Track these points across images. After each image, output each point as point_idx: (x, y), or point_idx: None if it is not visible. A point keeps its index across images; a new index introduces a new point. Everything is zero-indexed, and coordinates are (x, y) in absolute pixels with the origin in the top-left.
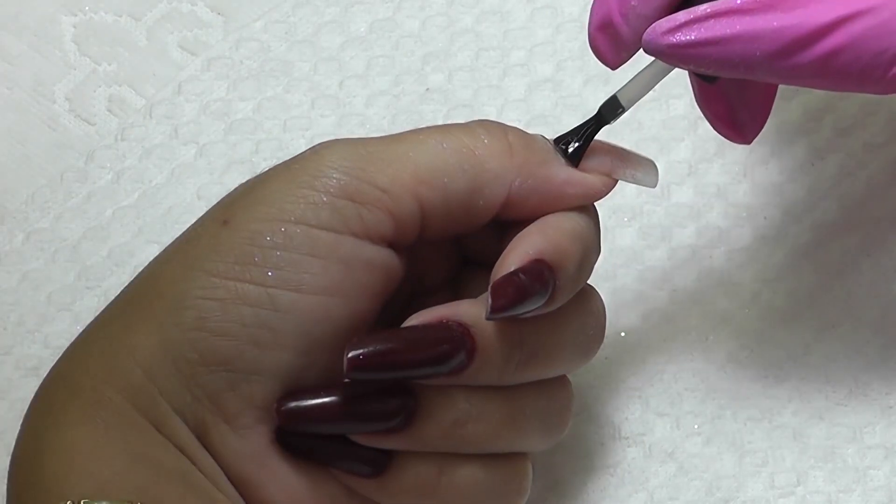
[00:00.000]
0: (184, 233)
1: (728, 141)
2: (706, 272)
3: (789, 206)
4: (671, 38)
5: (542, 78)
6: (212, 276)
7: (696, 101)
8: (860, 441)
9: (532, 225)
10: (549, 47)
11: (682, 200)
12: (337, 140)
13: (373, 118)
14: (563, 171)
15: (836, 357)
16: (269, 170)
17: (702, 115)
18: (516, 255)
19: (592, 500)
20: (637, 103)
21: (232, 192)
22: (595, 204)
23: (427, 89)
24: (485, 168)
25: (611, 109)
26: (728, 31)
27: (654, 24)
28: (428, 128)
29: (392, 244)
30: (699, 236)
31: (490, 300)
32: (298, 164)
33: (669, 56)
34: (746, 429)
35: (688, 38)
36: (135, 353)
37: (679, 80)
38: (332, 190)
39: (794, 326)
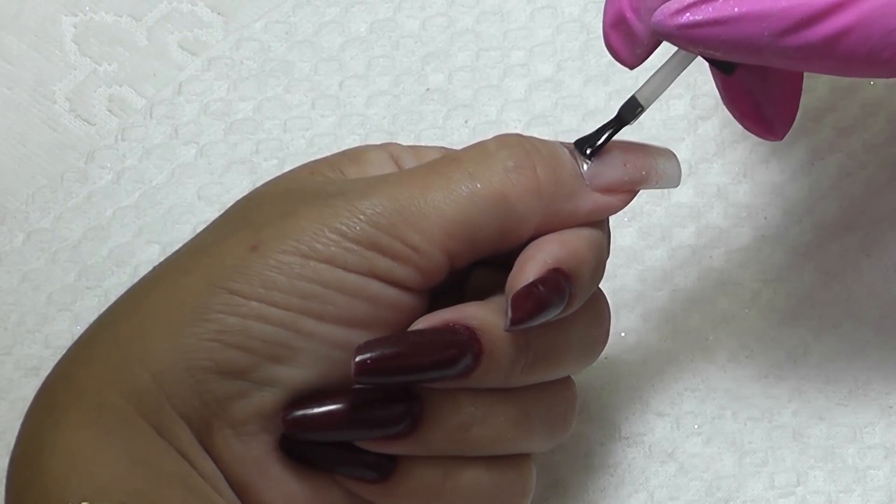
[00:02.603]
0: (200, 241)
1: (727, 143)
2: (706, 272)
3: (789, 206)
4: (680, 19)
5: (542, 78)
6: (236, 294)
7: (722, 100)
8: (860, 441)
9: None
10: (549, 47)
11: (682, 200)
12: (371, 184)
13: (373, 118)
14: (588, 202)
15: (836, 357)
16: (300, 196)
17: (702, 116)
18: (534, 264)
19: (592, 500)
20: None
21: (254, 200)
22: None
23: (427, 89)
24: (514, 212)
25: (630, 110)
26: (736, 10)
27: (663, 6)
28: (456, 162)
29: (418, 290)
30: (699, 236)
31: (509, 313)
32: (331, 206)
33: (678, 37)
34: (746, 429)
35: (696, 18)
36: (145, 358)
37: (679, 81)
38: (363, 242)
39: (794, 326)
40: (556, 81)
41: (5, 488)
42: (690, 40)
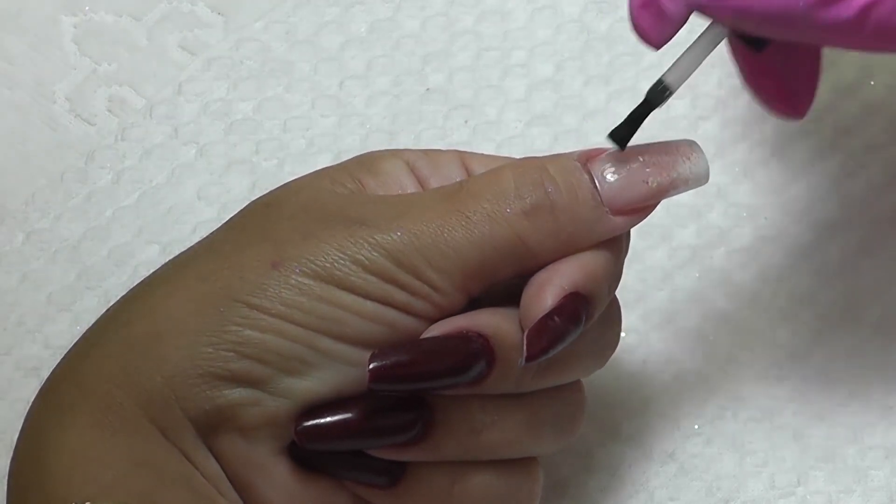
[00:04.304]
0: (217, 245)
1: (727, 143)
2: (706, 272)
3: (789, 206)
4: None
5: (542, 78)
6: (256, 309)
7: (744, 79)
8: (860, 441)
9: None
10: (550, 47)
11: (683, 200)
12: (392, 214)
13: (373, 118)
14: (607, 228)
15: (836, 357)
16: (321, 214)
17: (702, 116)
18: (551, 290)
19: (593, 500)
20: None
21: (274, 209)
22: None
23: (427, 89)
24: (532, 254)
25: (657, 93)
26: None
27: None
28: (474, 198)
29: (435, 319)
30: (699, 236)
31: (525, 350)
32: (353, 236)
33: (711, 9)
34: (747, 429)
35: None
36: (158, 362)
37: None
38: (382, 276)
39: (794, 326)
40: (556, 81)
41: (7, 486)
42: (723, 12)
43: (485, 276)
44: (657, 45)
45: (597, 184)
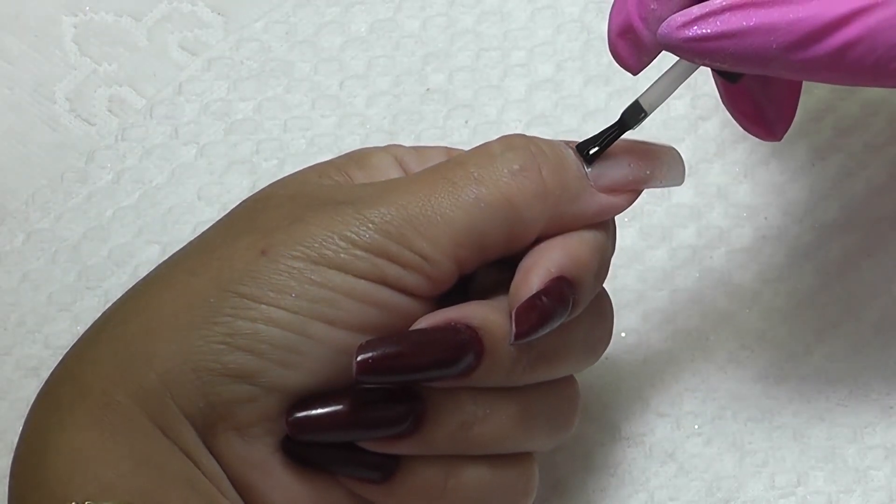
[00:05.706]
0: (207, 241)
1: (727, 144)
2: (706, 272)
3: (790, 207)
4: (686, 32)
5: (542, 78)
6: (245, 298)
7: (722, 101)
8: (861, 441)
9: (553, 237)
10: (550, 48)
11: (683, 200)
12: (379, 191)
13: (373, 118)
14: (593, 203)
15: (836, 357)
16: (308, 201)
17: (702, 116)
18: (537, 273)
19: (593, 500)
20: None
21: (261, 202)
22: None
23: (427, 89)
24: (520, 217)
25: (633, 114)
26: (744, 23)
27: (668, 19)
28: (461, 165)
29: (427, 297)
30: (699, 236)
31: (513, 327)
32: (340, 214)
33: (685, 50)
34: (747, 429)
35: (703, 31)
36: (151, 358)
37: None
38: (372, 250)
39: (794, 326)
40: (557, 81)
41: (8, 486)
42: (697, 53)
43: (474, 242)
44: (635, 72)
45: (582, 163)
